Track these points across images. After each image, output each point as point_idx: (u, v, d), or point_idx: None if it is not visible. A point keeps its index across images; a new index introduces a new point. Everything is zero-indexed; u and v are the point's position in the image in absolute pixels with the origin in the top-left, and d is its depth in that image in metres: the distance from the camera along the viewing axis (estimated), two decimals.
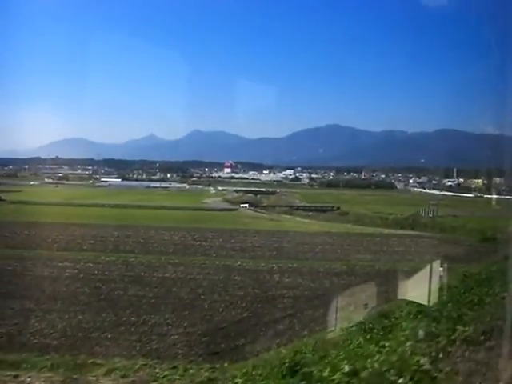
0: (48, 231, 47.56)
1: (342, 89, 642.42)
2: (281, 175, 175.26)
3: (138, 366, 16.96)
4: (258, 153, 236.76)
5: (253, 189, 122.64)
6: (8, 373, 15.07)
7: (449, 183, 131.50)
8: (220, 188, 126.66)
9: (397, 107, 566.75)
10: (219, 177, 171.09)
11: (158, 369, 16.81)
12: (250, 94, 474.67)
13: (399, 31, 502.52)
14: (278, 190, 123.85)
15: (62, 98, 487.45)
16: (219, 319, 23.57)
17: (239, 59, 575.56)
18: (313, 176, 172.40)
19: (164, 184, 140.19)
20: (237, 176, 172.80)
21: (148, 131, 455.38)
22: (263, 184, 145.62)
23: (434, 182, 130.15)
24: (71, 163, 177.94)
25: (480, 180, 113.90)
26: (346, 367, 8.42)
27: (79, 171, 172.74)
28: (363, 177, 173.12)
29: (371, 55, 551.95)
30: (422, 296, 19.01)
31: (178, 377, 16.24)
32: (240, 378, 15.75)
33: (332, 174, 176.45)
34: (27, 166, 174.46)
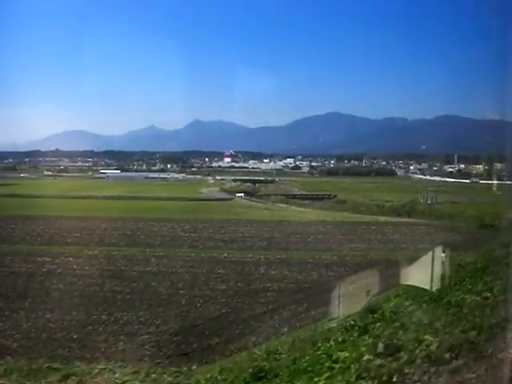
0: (34, 225, 46.57)
1: (342, 76, 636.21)
2: (281, 164, 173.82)
3: (97, 371, 15.77)
4: (258, 142, 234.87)
5: (251, 178, 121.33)
6: None
7: (450, 169, 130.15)
8: (219, 178, 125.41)
9: (397, 94, 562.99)
10: (219, 166, 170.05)
11: (119, 373, 15.60)
12: (250, 83, 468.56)
13: (400, 17, 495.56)
14: (277, 179, 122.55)
15: (62, 90, 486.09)
16: (195, 316, 22.34)
17: (238, 47, 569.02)
18: (313, 164, 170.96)
19: (163, 175, 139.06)
20: (237, 165, 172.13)
21: (148, 122, 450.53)
22: (263, 173, 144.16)
23: (435, 169, 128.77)
24: (71, 155, 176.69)
25: (481, 166, 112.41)
26: None
27: (79, 163, 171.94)
28: (364, 164, 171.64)
29: (371, 42, 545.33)
30: (420, 283, 17.88)
31: (138, 382, 15.03)
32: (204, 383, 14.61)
33: (332, 162, 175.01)
34: (27, 159, 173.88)
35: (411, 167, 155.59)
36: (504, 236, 23.24)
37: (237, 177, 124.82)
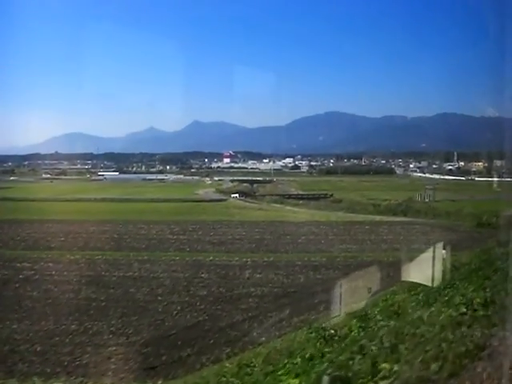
0: (21, 229, 45.58)
1: (341, 75, 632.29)
2: (280, 164, 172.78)
3: None
4: (258, 142, 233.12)
5: (249, 178, 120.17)
6: None
7: (449, 167, 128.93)
8: (216, 178, 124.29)
9: (396, 92, 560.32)
10: (218, 167, 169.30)
11: None
12: (249, 83, 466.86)
13: (399, 15, 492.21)
14: (275, 179, 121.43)
15: (61, 93, 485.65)
16: (170, 325, 21.06)
17: (237, 48, 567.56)
18: (312, 164, 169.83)
19: (160, 176, 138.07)
20: (236, 166, 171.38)
21: (148, 124, 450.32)
22: (262, 173, 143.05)
23: (435, 167, 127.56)
24: (70, 158, 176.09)
25: (481, 163, 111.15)
26: None
27: (78, 166, 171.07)
28: (363, 163, 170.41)
29: (370, 40, 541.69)
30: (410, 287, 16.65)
31: None
32: None
33: (332, 161, 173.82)
34: (26, 162, 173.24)
35: (411, 165, 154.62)
36: (502, 234, 22.14)
37: (236, 177, 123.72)
